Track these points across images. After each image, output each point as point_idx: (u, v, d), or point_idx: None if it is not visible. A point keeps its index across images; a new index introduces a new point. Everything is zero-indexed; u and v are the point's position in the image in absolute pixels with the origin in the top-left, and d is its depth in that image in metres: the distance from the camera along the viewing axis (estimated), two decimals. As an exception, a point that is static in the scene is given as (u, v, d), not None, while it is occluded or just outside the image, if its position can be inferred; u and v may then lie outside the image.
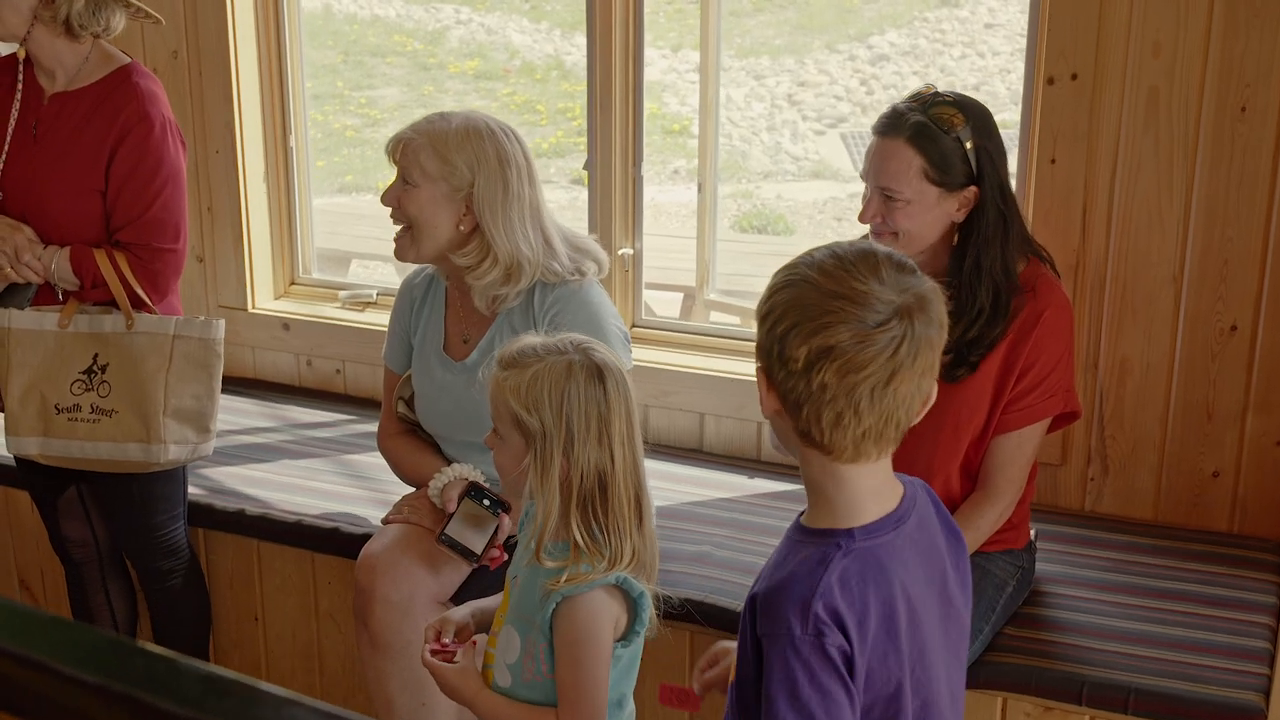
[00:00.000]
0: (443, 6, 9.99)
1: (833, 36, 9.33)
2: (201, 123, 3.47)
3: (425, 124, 2.43)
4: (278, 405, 3.47)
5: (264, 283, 3.60)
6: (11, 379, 2.51)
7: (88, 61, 2.55)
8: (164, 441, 2.55)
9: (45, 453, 2.56)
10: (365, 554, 2.47)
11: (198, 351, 2.56)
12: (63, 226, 2.53)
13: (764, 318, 1.44)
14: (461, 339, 2.56)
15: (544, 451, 1.78)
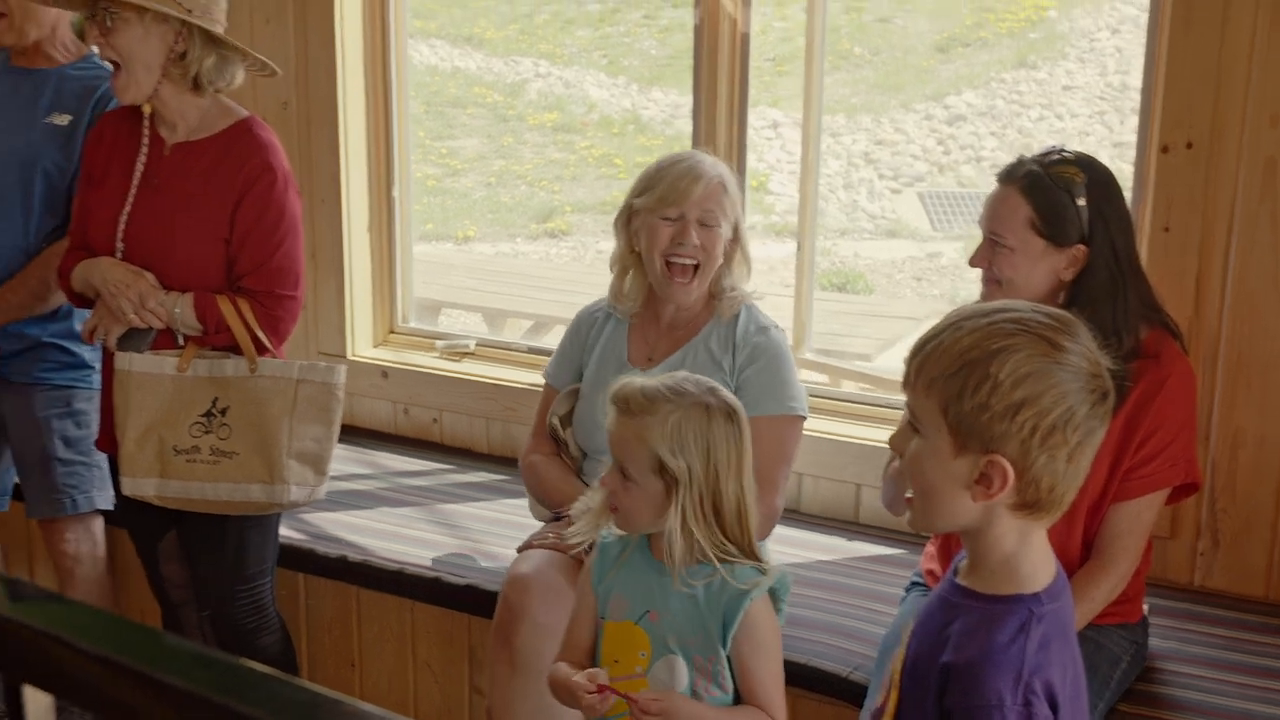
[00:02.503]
0: (522, 60, 10.12)
1: (909, 96, 9.36)
2: (309, 173, 3.53)
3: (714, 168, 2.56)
4: (375, 453, 3.50)
5: (364, 331, 3.64)
6: (130, 421, 2.55)
7: (208, 114, 2.61)
8: (286, 483, 2.58)
9: (162, 494, 2.59)
10: (516, 574, 2.48)
11: (320, 395, 2.60)
12: (184, 273, 2.57)
13: (988, 387, 1.39)
14: (646, 356, 2.65)
15: (689, 491, 1.86)
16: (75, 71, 2.90)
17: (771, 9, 9.21)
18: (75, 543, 3.00)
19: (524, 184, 8.95)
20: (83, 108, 2.85)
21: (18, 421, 2.93)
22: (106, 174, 2.62)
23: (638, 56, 10.10)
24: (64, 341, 2.90)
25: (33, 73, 2.89)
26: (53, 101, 2.87)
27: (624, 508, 1.91)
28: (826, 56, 3.28)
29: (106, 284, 2.53)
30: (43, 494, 2.95)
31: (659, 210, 2.55)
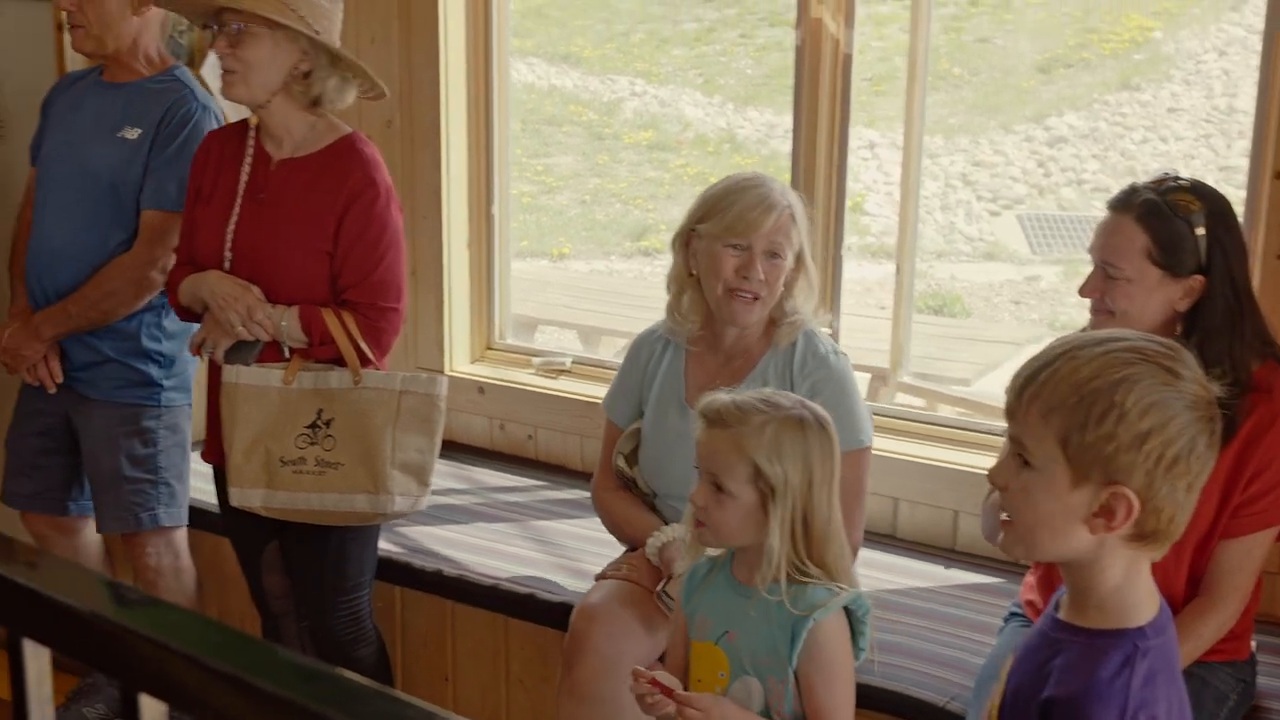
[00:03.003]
0: (618, 78, 10.18)
1: (1009, 117, 9.24)
2: (410, 189, 3.57)
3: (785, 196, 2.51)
4: (471, 468, 3.53)
5: (461, 347, 3.68)
6: (237, 433, 2.59)
7: (313, 130, 2.65)
8: (391, 493, 2.61)
9: (269, 504, 2.62)
10: (584, 604, 2.49)
11: (422, 407, 2.63)
12: (289, 286, 2.61)
13: (1114, 417, 1.36)
14: (705, 391, 2.58)
15: (784, 501, 1.85)
16: (152, 85, 2.94)
17: (870, 29, 9.15)
18: (156, 556, 3.05)
19: (619, 202, 8.99)
20: (151, 121, 2.89)
21: (89, 436, 3.00)
22: (214, 190, 2.66)
23: (734, 75, 10.10)
24: (131, 360, 2.94)
25: (115, 87, 2.95)
26: (125, 116, 2.92)
27: (714, 522, 1.91)
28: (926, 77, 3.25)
29: (215, 297, 2.57)
30: (109, 510, 3.00)
31: (725, 238, 2.48)
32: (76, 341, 2.92)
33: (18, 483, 3.07)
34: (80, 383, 2.95)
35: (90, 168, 2.89)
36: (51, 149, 2.98)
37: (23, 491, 3.07)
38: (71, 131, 2.95)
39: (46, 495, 3.07)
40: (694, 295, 2.57)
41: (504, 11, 3.59)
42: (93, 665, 1.05)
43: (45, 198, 2.95)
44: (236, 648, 1.01)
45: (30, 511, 3.10)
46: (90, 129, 2.93)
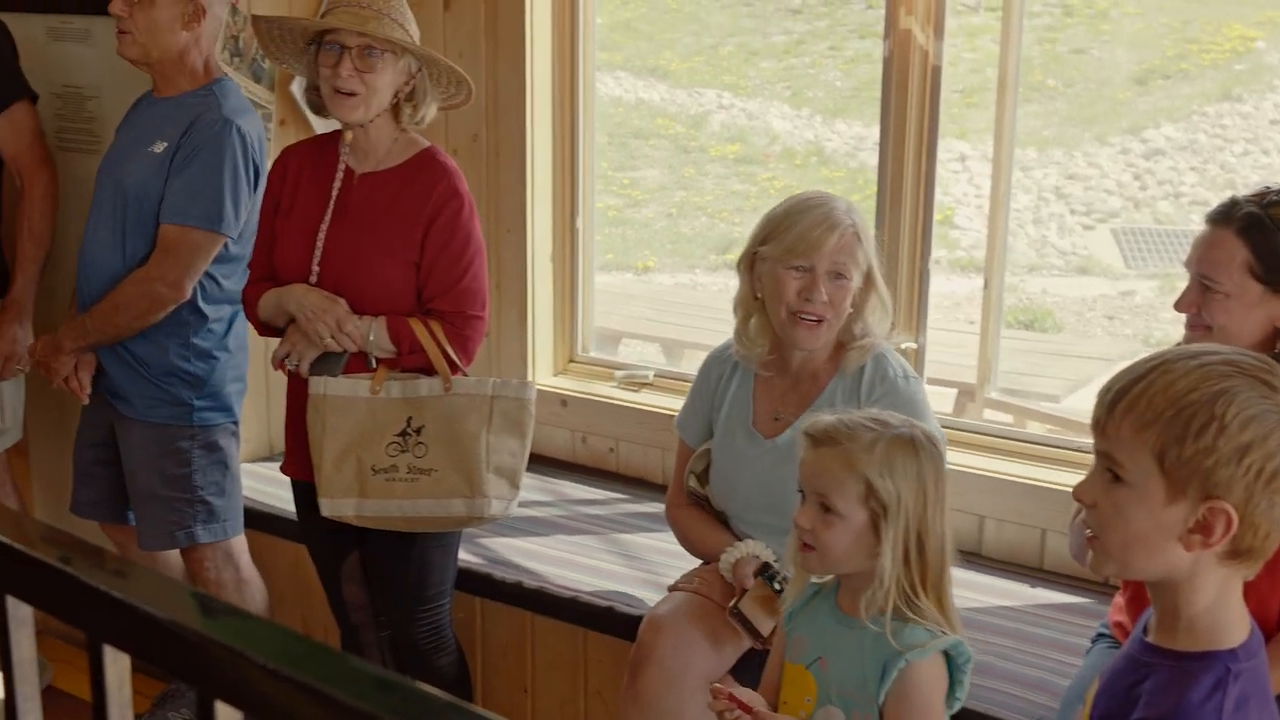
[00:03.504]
0: (705, 91, 10.18)
1: (1104, 129, 9.08)
2: (496, 203, 3.60)
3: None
4: (553, 480, 3.54)
5: (544, 359, 3.69)
6: (326, 444, 2.61)
7: (396, 144, 2.68)
8: (487, 496, 2.63)
9: (361, 513, 2.64)
10: (652, 615, 2.48)
11: (514, 411, 2.66)
12: (375, 298, 2.64)
13: (1213, 430, 1.33)
14: (772, 416, 2.56)
15: (897, 520, 1.80)
16: (187, 99, 2.95)
17: (962, 40, 9.06)
18: (215, 570, 3.09)
19: (704, 215, 8.99)
20: (175, 134, 2.91)
21: (127, 454, 3.04)
22: (294, 204, 2.69)
23: (822, 88, 10.05)
24: (163, 380, 2.96)
25: (158, 102, 2.99)
26: (158, 130, 2.95)
27: (823, 545, 1.85)
28: (1018, 88, 3.20)
29: (303, 309, 2.60)
30: (147, 527, 3.05)
31: (786, 260, 2.44)
32: (115, 360, 2.97)
33: (80, 491, 3.15)
34: (119, 400, 3.00)
35: (124, 182, 2.94)
36: (103, 165, 3.04)
37: (84, 500, 3.15)
38: (118, 147, 3.02)
39: (103, 504, 3.13)
40: (760, 319, 2.53)
41: (590, 26, 3.60)
42: (170, 672, 1.07)
43: (91, 213, 3.03)
44: (312, 658, 1.02)
45: (93, 519, 3.16)
46: (130, 144, 2.98)
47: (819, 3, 10.42)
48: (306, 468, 2.70)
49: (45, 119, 3.38)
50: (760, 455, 2.54)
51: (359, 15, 2.53)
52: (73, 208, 3.40)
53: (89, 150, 3.45)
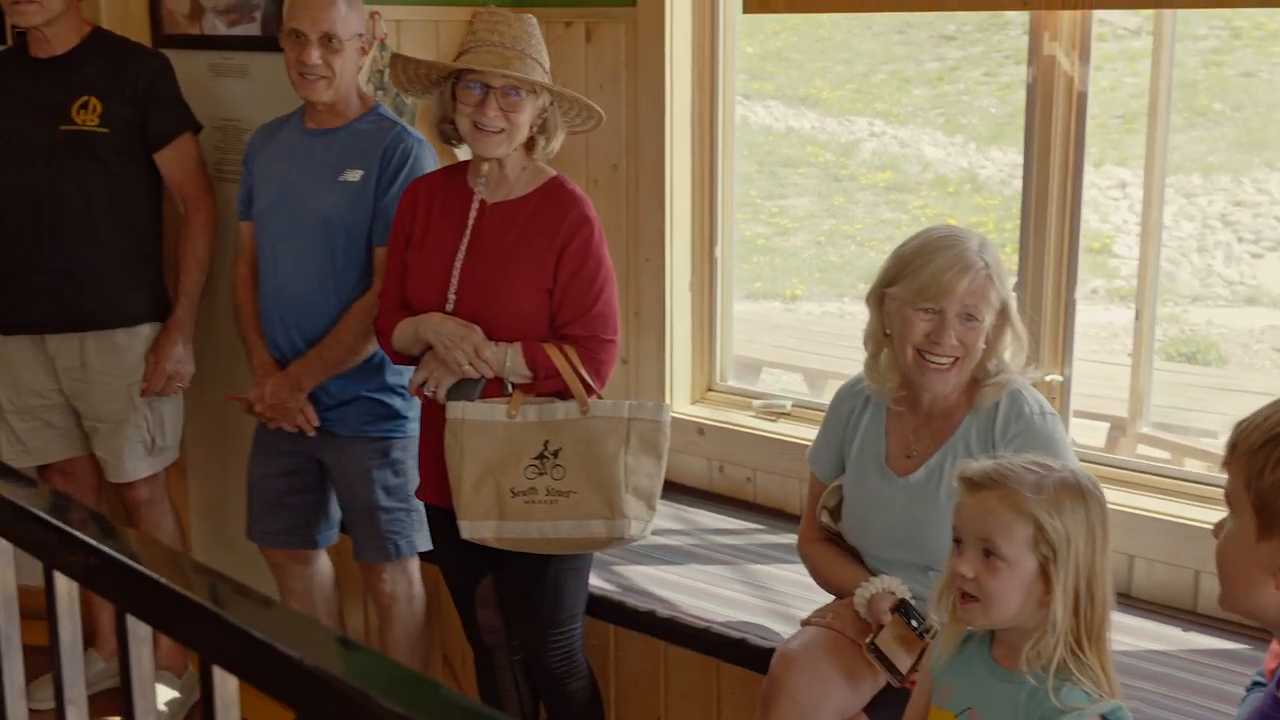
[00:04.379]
0: (856, 119, 10.10)
1: (1274, 154, 8.72)
2: (635, 231, 3.62)
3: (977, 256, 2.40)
4: (688, 509, 3.53)
5: (682, 387, 3.69)
6: (465, 468, 2.65)
7: (524, 173, 2.73)
8: (627, 516, 2.65)
9: (500, 535, 2.67)
10: (785, 649, 2.45)
11: (650, 433, 2.68)
12: (510, 324, 2.68)
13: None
14: (905, 453, 2.51)
15: (1067, 564, 1.74)
16: (364, 127, 3.05)
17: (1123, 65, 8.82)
18: (392, 583, 3.15)
19: (853, 244, 8.90)
20: (372, 162, 2.99)
21: (342, 472, 3.11)
22: (426, 234, 2.75)
23: (976, 115, 9.87)
24: (379, 395, 3.05)
25: (325, 133, 3.06)
26: (344, 159, 3.02)
27: (990, 593, 1.78)
28: (1181, 113, 3.10)
29: (441, 337, 2.65)
30: (369, 540, 3.11)
31: (916, 302, 2.38)
32: (324, 385, 3.05)
33: (265, 521, 3.21)
34: (331, 421, 3.07)
35: (317, 214, 3.01)
36: (270, 202, 3.10)
37: (271, 529, 3.20)
38: (288, 182, 3.07)
39: (295, 532, 3.20)
40: (890, 354, 2.48)
41: (730, 55, 3.61)
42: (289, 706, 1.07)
43: (274, 249, 3.08)
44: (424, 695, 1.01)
45: (279, 548, 3.23)
46: (308, 176, 3.04)
47: (973, 28, 10.26)
48: (442, 492, 2.74)
49: (206, 150, 3.52)
50: (893, 493, 2.49)
51: (503, 55, 2.58)
52: (227, 236, 3.53)
53: (245, 181, 3.58)
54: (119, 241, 3.35)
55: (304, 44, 2.94)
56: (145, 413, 3.43)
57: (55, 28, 3.26)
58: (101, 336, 3.36)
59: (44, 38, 3.27)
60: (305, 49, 2.94)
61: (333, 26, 2.94)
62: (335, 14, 2.94)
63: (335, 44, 2.95)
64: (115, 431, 3.41)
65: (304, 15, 2.94)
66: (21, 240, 3.33)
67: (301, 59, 2.95)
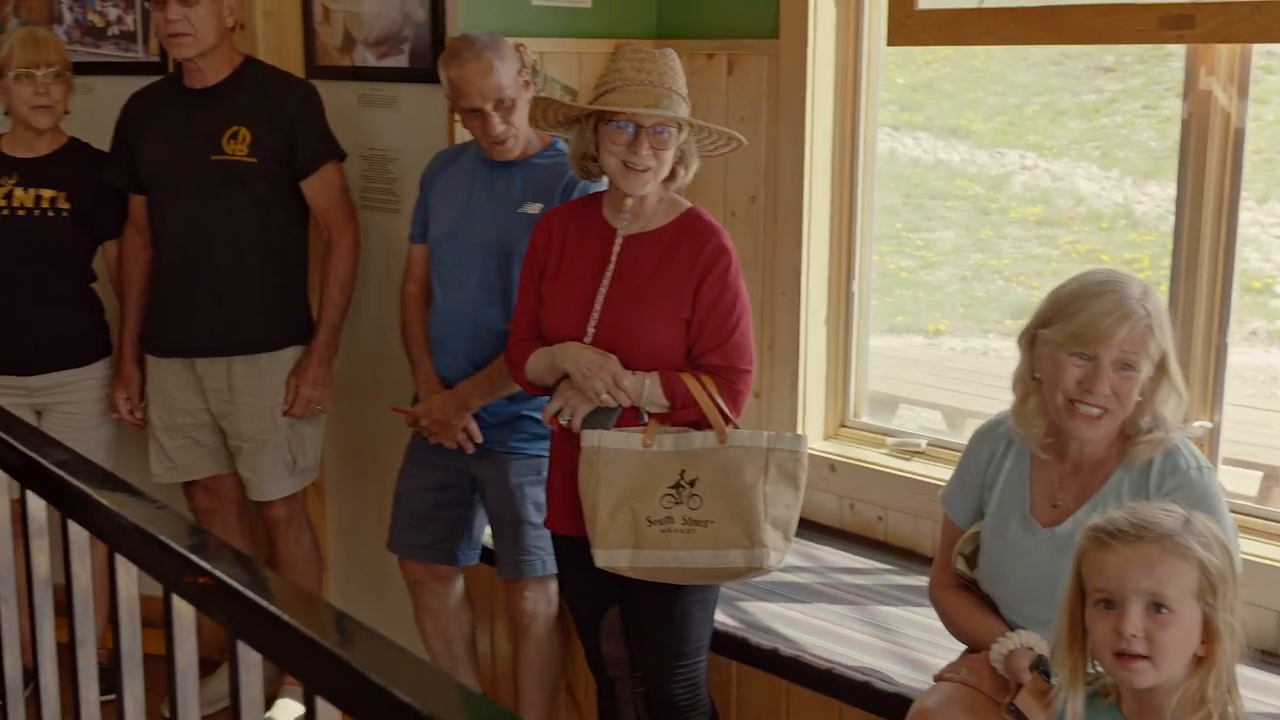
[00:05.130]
0: (1008, 152, 9.91)
1: None
2: (771, 264, 3.60)
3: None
4: (816, 546, 3.49)
5: (814, 423, 3.65)
6: (601, 496, 2.66)
7: (660, 205, 2.74)
8: (766, 547, 2.64)
9: (636, 564, 2.67)
10: (921, 707, 2.38)
11: (789, 464, 2.67)
12: (648, 354, 2.68)
13: None
14: (1050, 503, 2.42)
15: (1227, 609, 1.71)
16: (542, 161, 3.10)
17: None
18: (533, 601, 3.17)
19: (1001, 279, 8.71)
20: (551, 196, 3.03)
21: (494, 487, 3.15)
22: (562, 267, 2.77)
23: (1134, 148, 9.60)
24: (536, 414, 3.07)
25: (504, 166, 3.11)
26: (524, 191, 3.07)
27: (1163, 649, 1.72)
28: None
29: (579, 366, 2.66)
30: (513, 556, 3.14)
31: (1069, 347, 2.28)
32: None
33: (410, 534, 3.26)
34: (490, 439, 3.12)
35: (494, 243, 3.06)
36: (448, 227, 3.16)
37: (416, 543, 3.26)
38: (468, 210, 3.13)
39: (440, 546, 3.25)
40: (1038, 399, 2.38)
41: (873, 87, 3.57)
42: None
43: (449, 274, 3.15)
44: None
45: (425, 561, 3.28)
46: (488, 207, 3.10)
47: (1134, 60, 10.00)
48: (572, 521, 2.75)
49: (351, 178, 3.61)
50: (1037, 544, 2.41)
51: (652, 93, 2.60)
52: (371, 262, 3.61)
53: (389, 209, 3.67)
54: (266, 268, 3.46)
55: (485, 117, 3.00)
56: (287, 433, 3.52)
57: (209, 59, 3.39)
58: (247, 360, 3.47)
59: (198, 69, 3.40)
60: (487, 121, 3.01)
61: (500, 91, 2.99)
62: (497, 77, 2.99)
63: (508, 103, 3.00)
64: (258, 451, 3.51)
65: (472, 93, 2.99)
66: (174, 267, 3.46)
67: (487, 131, 3.02)
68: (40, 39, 3.51)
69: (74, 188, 3.55)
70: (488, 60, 2.98)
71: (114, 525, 1.43)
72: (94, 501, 1.46)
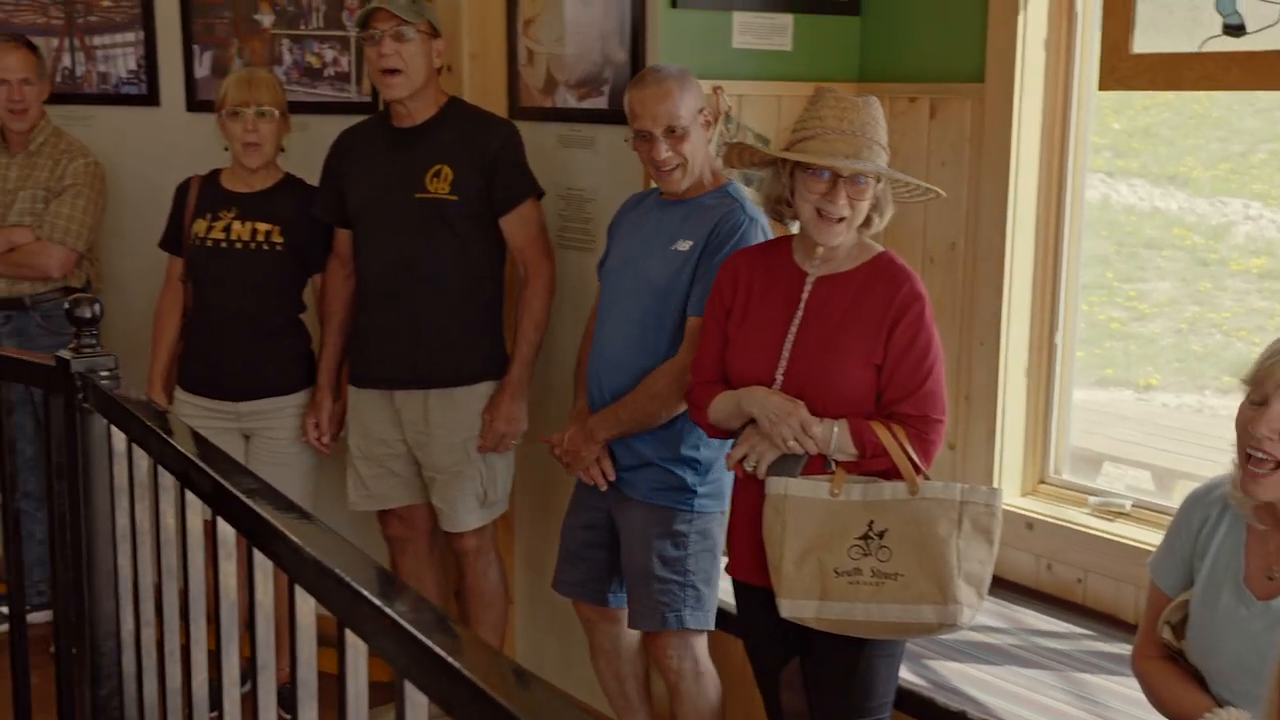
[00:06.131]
0: (1231, 201, 9.49)
1: None
2: (969, 313, 3.50)
3: None
4: (1011, 606, 3.35)
5: (1011, 478, 3.52)
6: (787, 544, 2.61)
7: (851, 248, 2.69)
8: (959, 603, 2.56)
9: (822, 615, 2.61)
10: None
11: (983, 518, 2.59)
12: (837, 400, 2.63)
13: None
14: (1267, 575, 2.28)
15: None
16: (707, 201, 3.05)
17: None
18: (677, 659, 3.12)
19: (1219, 333, 8.31)
20: (701, 235, 2.99)
21: (626, 534, 3.12)
22: (748, 309, 2.73)
23: (1370, 199, 9.08)
24: (671, 465, 3.03)
25: (674, 204, 3.09)
26: (680, 230, 3.04)
27: None
28: None
29: (766, 412, 2.62)
30: (639, 606, 3.10)
31: (1250, 394, 2.18)
32: (622, 444, 3.09)
33: (565, 570, 3.28)
34: (624, 483, 3.11)
35: (647, 280, 3.06)
36: (615, 264, 3.19)
37: (569, 579, 3.27)
38: (632, 247, 3.14)
39: (588, 585, 3.25)
40: None
41: (1083, 132, 3.45)
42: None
43: (607, 309, 3.17)
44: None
45: (574, 598, 3.29)
46: (649, 243, 3.09)
47: (1371, 106, 9.47)
48: (755, 570, 2.71)
49: (549, 217, 3.66)
50: (1250, 617, 2.26)
51: (853, 143, 2.57)
52: (565, 299, 3.65)
53: (585, 248, 3.71)
54: (464, 304, 3.53)
55: (652, 141, 3.00)
56: (480, 467, 3.58)
57: (417, 100, 3.49)
58: (443, 394, 3.54)
59: (405, 109, 3.51)
60: (654, 146, 3.00)
61: (674, 118, 2.98)
62: (674, 104, 2.98)
63: (680, 132, 2.98)
64: (451, 483, 3.58)
65: (645, 115, 3.00)
66: (376, 300, 3.57)
67: (653, 156, 3.02)
68: (253, 79, 3.68)
69: (288, 222, 3.70)
70: (667, 87, 2.99)
71: (295, 556, 1.46)
72: (277, 531, 1.50)
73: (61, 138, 4.25)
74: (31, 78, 4.15)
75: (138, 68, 4.45)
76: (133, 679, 2.13)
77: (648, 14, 3.43)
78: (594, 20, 3.59)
